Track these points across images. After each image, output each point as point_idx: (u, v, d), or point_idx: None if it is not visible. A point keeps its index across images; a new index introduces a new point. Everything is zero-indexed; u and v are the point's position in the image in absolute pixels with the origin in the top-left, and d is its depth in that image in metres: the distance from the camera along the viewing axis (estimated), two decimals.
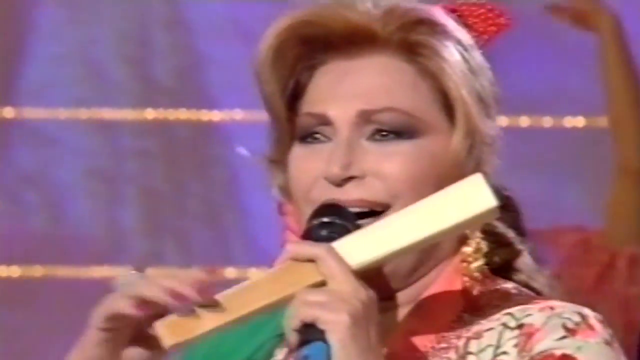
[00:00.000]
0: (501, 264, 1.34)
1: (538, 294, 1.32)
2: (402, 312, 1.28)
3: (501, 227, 1.36)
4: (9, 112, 6.20)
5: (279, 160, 1.33)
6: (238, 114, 6.35)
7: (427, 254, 1.27)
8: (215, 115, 6.39)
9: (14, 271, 6.08)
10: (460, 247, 1.30)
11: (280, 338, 1.33)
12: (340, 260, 1.15)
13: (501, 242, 1.35)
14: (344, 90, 1.27)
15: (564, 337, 1.19)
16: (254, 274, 4.98)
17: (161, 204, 6.43)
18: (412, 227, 1.19)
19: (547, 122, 6.34)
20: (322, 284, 1.16)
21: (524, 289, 1.32)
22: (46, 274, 6.12)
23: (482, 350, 1.23)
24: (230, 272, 6.29)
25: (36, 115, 6.28)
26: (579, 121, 6.39)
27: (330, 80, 1.29)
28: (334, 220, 1.21)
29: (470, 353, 1.24)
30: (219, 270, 6.28)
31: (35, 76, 6.33)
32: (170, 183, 6.41)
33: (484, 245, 1.30)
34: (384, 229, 1.20)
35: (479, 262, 1.30)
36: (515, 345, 1.21)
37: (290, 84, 1.32)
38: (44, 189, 6.32)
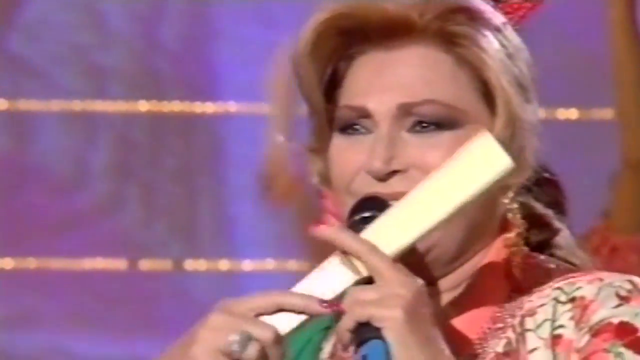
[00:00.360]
0: (541, 242, 1.35)
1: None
2: (447, 297, 1.28)
3: (540, 208, 1.36)
4: None
5: (318, 149, 1.33)
6: (232, 107, 6.35)
7: (469, 240, 1.27)
8: (208, 108, 6.38)
9: (7, 263, 6.06)
10: (501, 232, 1.31)
11: (326, 331, 1.35)
12: (383, 255, 1.15)
13: (540, 222, 1.35)
14: (384, 82, 1.27)
15: (619, 305, 1.20)
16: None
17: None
18: (435, 203, 1.18)
19: (540, 113, 6.31)
20: (369, 280, 1.16)
21: (564, 264, 1.32)
22: (39, 266, 6.11)
23: (539, 326, 1.24)
24: (224, 265, 6.30)
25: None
26: (572, 113, 6.42)
27: (369, 72, 1.28)
28: (375, 214, 1.20)
29: (528, 330, 1.24)
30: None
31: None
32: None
33: (523, 229, 1.30)
34: (408, 211, 1.19)
35: (520, 244, 1.30)
36: (571, 318, 1.22)
37: (327, 73, 1.31)
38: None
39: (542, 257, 1.33)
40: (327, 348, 1.36)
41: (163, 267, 6.24)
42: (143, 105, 6.35)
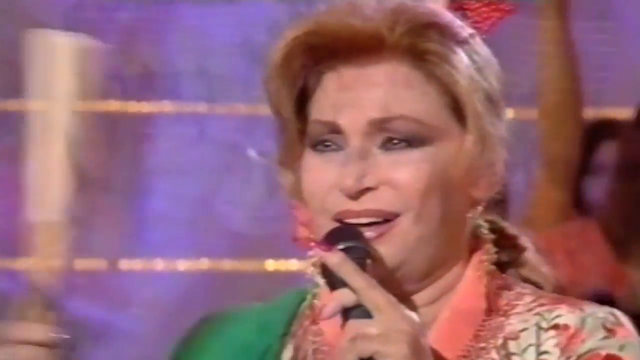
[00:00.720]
0: (507, 261, 1.36)
1: (539, 287, 1.35)
2: (424, 313, 1.27)
3: (508, 227, 1.37)
4: None
5: (289, 163, 1.31)
6: (167, 106, 6.34)
7: (439, 256, 1.27)
8: (144, 107, 6.36)
9: None
10: (472, 249, 1.31)
11: (284, 338, 1.34)
12: (382, 290, 1.15)
13: (508, 242, 1.36)
14: (354, 99, 1.24)
15: (605, 337, 1.21)
16: None
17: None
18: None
19: None
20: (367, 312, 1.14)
21: (531, 287, 1.33)
22: None
23: (524, 351, 1.24)
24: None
25: None
26: (508, 112, 6.47)
27: (340, 88, 1.26)
28: (350, 245, 1.19)
29: (514, 354, 1.24)
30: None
31: None
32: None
33: (490, 247, 1.31)
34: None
35: (492, 261, 1.31)
36: (556, 345, 1.22)
37: (297, 87, 1.29)
38: None
39: (509, 278, 1.34)
40: (287, 355, 1.34)
41: None
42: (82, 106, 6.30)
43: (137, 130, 6.43)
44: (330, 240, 1.20)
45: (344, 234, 1.20)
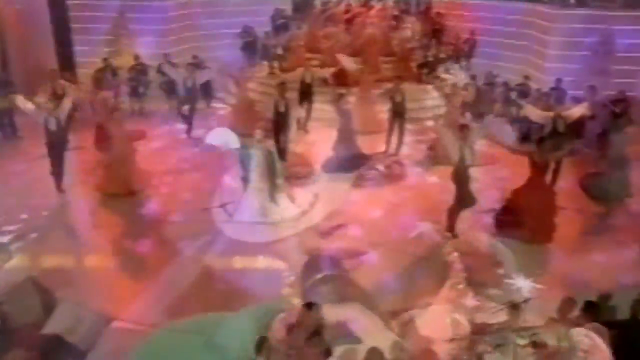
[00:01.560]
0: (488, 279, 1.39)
1: (517, 302, 1.36)
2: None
3: (485, 247, 1.39)
4: None
5: None
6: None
7: (413, 286, 1.29)
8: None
9: None
10: (447, 273, 1.33)
11: (261, 345, 1.33)
12: (370, 316, 1.17)
13: (486, 261, 1.38)
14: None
15: (582, 359, 1.23)
16: None
17: None
18: None
19: None
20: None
21: (507, 307, 1.35)
22: None
23: None
24: None
25: None
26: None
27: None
28: (328, 273, 1.21)
29: None
30: None
31: None
32: None
33: (461, 272, 1.34)
34: None
35: (464, 284, 1.33)
36: None
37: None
38: None
39: (479, 297, 1.35)
40: None
41: None
42: None
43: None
44: (310, 269, 1.22)
45: (322, 263, 1.22)
